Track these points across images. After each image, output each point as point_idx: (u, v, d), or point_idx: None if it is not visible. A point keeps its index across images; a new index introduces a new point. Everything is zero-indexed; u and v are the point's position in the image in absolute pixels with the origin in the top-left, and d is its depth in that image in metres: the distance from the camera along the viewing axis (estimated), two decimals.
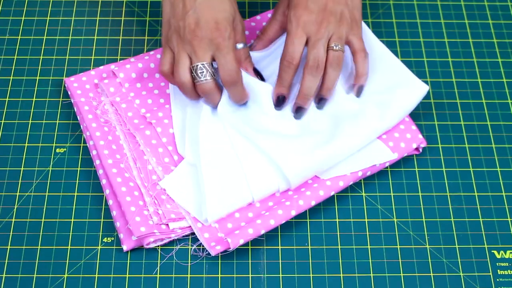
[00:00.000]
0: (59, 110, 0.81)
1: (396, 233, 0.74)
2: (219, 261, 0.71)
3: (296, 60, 0.74)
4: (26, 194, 0.75)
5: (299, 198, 0.72)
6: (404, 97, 0.77)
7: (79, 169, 0.77)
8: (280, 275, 0.71)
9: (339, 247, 0.73)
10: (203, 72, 0.71)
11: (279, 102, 0.76)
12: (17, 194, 0.75)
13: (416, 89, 0.78)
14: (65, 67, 0.84)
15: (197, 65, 0.71)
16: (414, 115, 0.81)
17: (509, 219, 0.75)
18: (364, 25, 0.81)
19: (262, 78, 0.77)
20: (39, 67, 0.84)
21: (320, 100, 0.76)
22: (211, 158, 0.73)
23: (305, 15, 0.74)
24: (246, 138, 0.74)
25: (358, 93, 0.77)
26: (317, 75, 0.74)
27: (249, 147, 0.74)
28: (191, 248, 0.72)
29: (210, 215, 0.70)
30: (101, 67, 0.82)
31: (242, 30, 0.75)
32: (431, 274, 0.72)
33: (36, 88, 0.82)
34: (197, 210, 0.72)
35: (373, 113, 0.76)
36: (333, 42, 0.74)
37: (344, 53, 0.75)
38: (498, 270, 0.72)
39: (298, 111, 0.76)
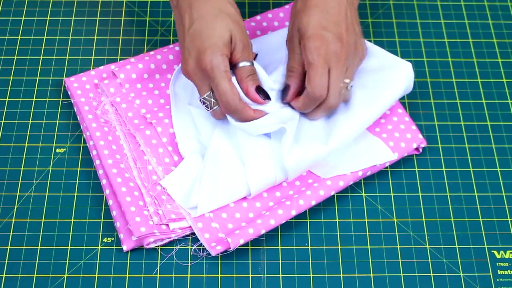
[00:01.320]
0: (59, 110, 0.81)
1: (396, 233, 0.74)
2: (219, 261, 0.71)
3: (325, 95, 0.72)
4: (26, 194, 0.75)
5: (299, 198, 0.72)
6: (391, 80, 0.76)
7: (79, 169, 0.77)
8: (280, 275, 0.71)
9: (339, 247, 0.73)
10: (208, 104, 0.73)
11: None
12: (17, 194, 0.75)
13: (400, 69, 0.77)
14: (65, 67, 0.84)
15: (200, 100, 0.73)
16: (414, 115, 0.81)
17: (509, 219, 0.75)
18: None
19: (267, 96, 0.73)
20: (39, 67, 0.84)
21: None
22: (217, 151, 0.73)
23: (324, 44, 0.71)
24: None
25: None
26: (328, 113, 0.75)
27: (250, 137, 0.74)
28: (191, 248, 0.72)
29: (202, 205, 0.71)
30: (101, 67, 0.82)
31: (243, 48, 0.72)
32: (431, 274, 0.72)
33: (36, 88, 0.82)
34: (187, 200, 0.72)
35: (364, 99, 0.75)
36: (348, 79, 0.73)
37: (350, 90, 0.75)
38: (498, 270, 0.72)
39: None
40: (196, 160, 0.75)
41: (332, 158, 0.75)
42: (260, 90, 0.73)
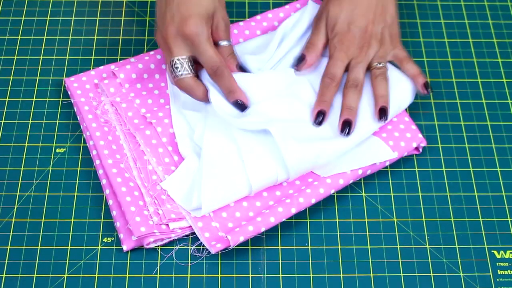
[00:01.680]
0: (59, 110, 0.81)
1: (396, 233, 0.74)
2: (219, 261, 0.71)
3: (337, 79, 0.76)
4: (26, 194, 0.75)
5: (299, 196, 0.72)
6: (396, 92, 0.78)
7: (79, 169, 0.77)
8: (280, 275, 0.71)
9: (339, 247, 0.73)
10: (178, 67, 0.73)
11: (319, 118, 0.75)
12: (17, 194, 0.75)
13: (404, 83, 0.78)
14: (65, 67, 0.84)
15: (172, 60, 0.73)
16: (414, 115, 0.81)
17: (509, 219, 0.75)
18: None
19: (248, 71, 0.77)
20: (39, 67, 0.84)
21: (380, 111, 0.76)
22: (213, 150, 0.73)
23: (348, 40, 0.77)
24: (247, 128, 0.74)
25: (425, 89, 0.77)
26: (357, 91, 0.76)
27: (249, 135, 0.74)
28: (191, 248, 0.72)
29: (205, 206, 0.70)
30: (101, 67, 0.82)
31: (225, 27, 0.75)
32: (431, 274, 0.72)
33: (36, 88, 0.82)
34: (189, 202, 0.72)
35: (368, 112, 0.77)
36: (376, 61, 0.78)
37: (387, 69, 0.78)
38: (498, 270, 0.72)
39: (344, 126, 0.75)
40: (196, 161, 0.74)
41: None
42: (240, 68, 0.76)
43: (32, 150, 0.78)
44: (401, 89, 0.78)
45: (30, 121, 0.80)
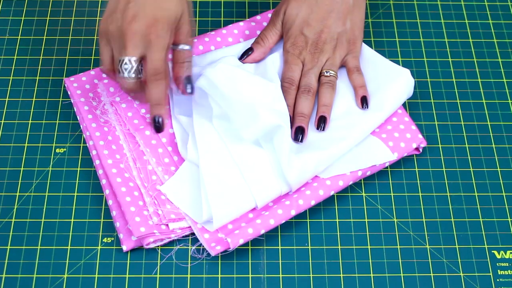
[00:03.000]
0: (59, 110, 0.81)
1: (396, 233, 0.74)
2: (219, 261, 0.71)
3: (295, 82, 0.77)
4: (26, 194, 0.75)
5: (298, 198, 0.72)
6: (391, 88, 0.78)
7: (79, 169, 0.77)
8: (280, 275, 0.71)
9: (339, 247, 0.73)
10: (127, 68, 0.68)
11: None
12: (17, 194, 0.75)
13: (400, 77, 0.78)
14: (65, 67, 0.84)
15: (123, 59, 0.68)
16: (414, 115, 0.81)
17: (509, 219, 0.75)
18: None
19: (192, 88, 0.73)
20: (39, 67, 0.84)
21: (320, 120, 0.76)
22: (211, 165, 0.72)
23: (300, 45, 0.78)
24: (243, 144, 0.74)
25: (363, 104, 0.77)
26: (309, 97, 0.76)
27: (246, 154, 0.73)
28: (191, 249, 0.72)
29: (216, 221, 0.70)
30: None
31: (188, 32, 0.72)
32: (431, 274, 0.72)
33: (36, 88, 0.82)
34: (199, 215, 0.71)
35: (367, 111, 0.77)
36: (325, 69, 0.78)
37: (337, 78, 0.78)
38: (498, 270, 0.72)
39: (297, 132, 0.75)
40: (194, 165, 0.74)
41: None
42: (189, 80, 0.73)
43: (32, 150, 0.78)
44: (399, 81, 0.78)
45: (30, 121, 0.80)
